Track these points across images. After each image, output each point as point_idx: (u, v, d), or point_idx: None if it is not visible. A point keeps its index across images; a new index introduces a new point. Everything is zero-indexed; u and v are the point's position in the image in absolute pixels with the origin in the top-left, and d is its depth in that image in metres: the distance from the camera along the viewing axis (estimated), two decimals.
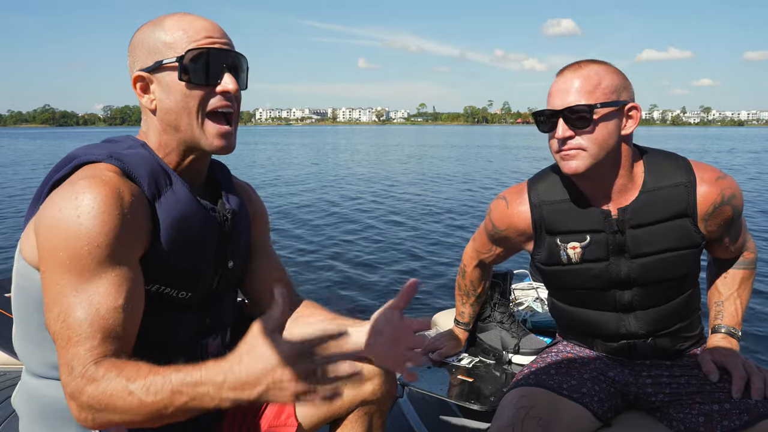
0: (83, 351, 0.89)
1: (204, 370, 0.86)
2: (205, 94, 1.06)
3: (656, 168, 1.41)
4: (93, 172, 0.97)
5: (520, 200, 1.52)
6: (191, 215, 1.07)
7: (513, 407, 1.36)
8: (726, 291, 1.56)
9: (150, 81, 1.07)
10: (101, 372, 0.88)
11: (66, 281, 0.91)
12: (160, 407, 0.86)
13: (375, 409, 1.30)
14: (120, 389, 0.87)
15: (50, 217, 0.93)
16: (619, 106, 1.34)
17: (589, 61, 1.37)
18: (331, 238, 7.70)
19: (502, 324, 1.95)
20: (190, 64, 1.04)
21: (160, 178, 1.05)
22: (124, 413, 0.87)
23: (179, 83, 1.05)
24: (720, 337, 1.50)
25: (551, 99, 1.37)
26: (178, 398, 0.86)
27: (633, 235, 1.41)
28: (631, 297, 1.45)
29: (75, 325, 0.90)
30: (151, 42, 1.07)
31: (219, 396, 0.85)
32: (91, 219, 0.92)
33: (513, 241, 1.57)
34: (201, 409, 0.87)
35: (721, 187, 1.38)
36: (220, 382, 0.84)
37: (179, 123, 1.07)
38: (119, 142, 1.12)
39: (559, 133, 1.34)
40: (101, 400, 0.87)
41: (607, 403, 1.44)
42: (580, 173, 1.35)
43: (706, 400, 1.37)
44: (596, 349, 1.56)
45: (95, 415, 0.89)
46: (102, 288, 0.92)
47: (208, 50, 1.05)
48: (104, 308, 0.92)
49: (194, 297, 1.13)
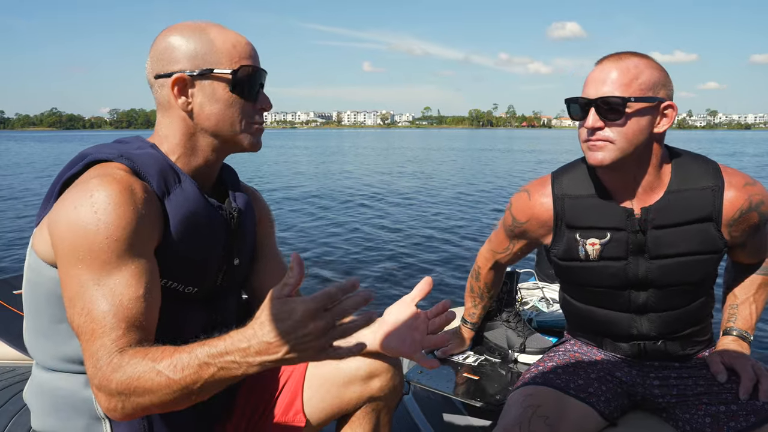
0: (109, 342, 0.91)
1: (228, 339, 0.88)
2: (247, 107, 1.14)
3: (684, 169, 1.39)
4: (104, 171, 1.00)
5: (543, 192, 1.50)
6: (199, 212, 1.10)
7: (520, 406, 1.36)
8: (742, 294, 1.55)
9: (191, 85, 1.10)
10: (126, 359, 0.90)
11: (87, 276, 0.93)
12: (189, 382, 0.88)
13: (382, 405, 1.31)
14: (147, 370, 0.88)
15: (66, 214, 0.95)
16: (654, 102, 1.31)
17: (630, 54, 1.34)
18: (335, 239, 7.71)
19: (508, 323, 1.96)
20: (242, 79, 1.11)
21: (169, 176, 1.08)
22: (154, 394, 0.88)
23: (227, 93, 1.11)
24: (731, 339, 1.50)
25: (586, 87, 1.34)
26: (205, 370, 0.87)
27: (654, 235, 1.39)
28: (646, 298, 1.44)
29: (99, 317, 0.92)
30: (198, 49, 1.09)
31: (246, 362, 0.87)
32: (108, 213, 0.94)
33: (532, 234, 1.55)
34: (229, 379, 0.89)
35: (749, 193, 1.36)
36: (245, 347, 0.86)
37: (219, 128, 1.13)
38: (129, 142, 1.15)
39: (589, 123, 1.32)
40: (130, 384, 0.88)
41: (614, 403, 1.43)
42: (606, 166, 1.33)
43: (713, 401, 1.36)
44: (605, 348, 1.56)
45: (125, 401, 0.90)
46: (123, 279, 0.94)
47: (256, 69, 1.13)
48: (127, 298, 0.94)
49: (200, 292, 1.15)
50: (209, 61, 1.09)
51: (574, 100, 1.37)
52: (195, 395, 0.90)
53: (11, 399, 1.55)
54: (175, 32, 1.11)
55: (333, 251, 6.88)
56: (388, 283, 5.54)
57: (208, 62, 1.09)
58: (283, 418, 1.28)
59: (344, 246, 7.15)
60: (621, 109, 1.29)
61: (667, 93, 1.34)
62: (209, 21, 1.15)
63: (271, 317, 0.85)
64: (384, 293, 5.14)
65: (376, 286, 5.44)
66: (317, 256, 6.64)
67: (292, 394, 1.29)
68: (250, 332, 0.86)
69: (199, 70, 1.09)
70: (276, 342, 0.84)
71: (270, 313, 0.85)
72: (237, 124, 1.13)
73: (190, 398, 0.90)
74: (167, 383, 0.88)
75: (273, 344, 0.85)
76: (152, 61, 1.12)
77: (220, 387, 0.91)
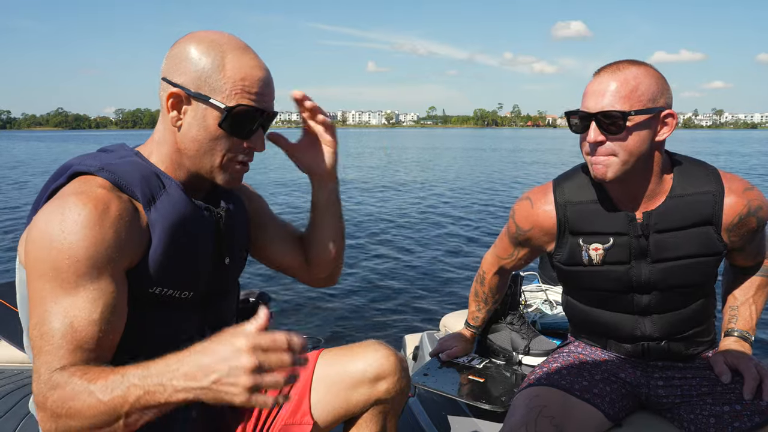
0: (52, 359, 0.90)
1: (163, 363, 0.86)
2: (234, 145, 1.09)
3: (685, 175, 1.40)
4: (83, 188, 0.99)
5: (545, 200, 1.51)
6: (186, 216, 1.08)
7: (526, 407, 1.37)
8: (742, 296, 1.56)
9: (187, 103, 1.06)
10: (65, 376, 0.89)
11: (47, 291, 0.93)
12: (115, 405, 0.86)
13: (389, 408, 1.31)
14: (81, 390, 0.87)
15: (37, 229, 0.95)
16: (654, 113, 1.31)
17: (628, 63, 1.33)
18: None
19: (512, 325, 1.96)
20: (236, 116, 1.06)
21: (153, 183, 1.06)
22: (84, 417, 0.87)
23: (215, 126, 1.06)
24: (733, 340, 1.50)
25: (585, 100, 1.34)
26: (131, 393, 0.85)
27: (656, 239, 1.40)
28: (649, 301, 1.46)
29: (48, 334, 0.91)
30: (205, 69, 1.05)
31: (171, 385, 0.84)
32: (74, 234, 0.93)
33: (536, 241, 1.56)
34: (154, 405, 0.86)
35: (748, 199, 1.38)
36: (171, 371, 0.84)
37: (197, 155, 1.09)
38: (113, 151, 1.13)
39: (591, 138, 1.32)
40: (63, 404, 0.87)
41: (618, 404, 1.44)
42: (610, 180, 1.34)
43: (717, 401, 1.37)
44: (609, 349, 1.57)
45: (58, 422, 0.88)
46: (80, 302, 0.93)
47: (254, 109, 1.07)
48: (78, 321, 0.93)
49: (196, 296, 1.14)
50: (211, 86, 1.04)
51: (574, 113, 1.37)
52: (123, 421, 0.87)
53: (20, 402, 1.56)
54: (195, 42, 1.07)
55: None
56: (386, 289, 5.54)
57: (209, 87, 1.04)
58: (290, 420, 1.28)
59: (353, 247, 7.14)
60: (622, 123, 1.29)
61: (666, 101, 1.34)
62: (238, 40, 1.09)
63: (206, 347, 0.84)
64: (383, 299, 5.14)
65: (377, 290, 5.44)
66: None
67: (299, 397, 1.29)
68: (180, 356, 0.85)
69: (200, 93, 1.05)
70: (206, 367, 0.82)
71: (206, 345, 0.84)
72: (217, 158, 1.09)
73: (116, 425, 0.87)
74: (96, 405, 0.86)
75: (202, 369, 0.83)
76: (166, 61, 1.09)
77: (147, 416, 0.88)
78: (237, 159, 1.11)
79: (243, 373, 0.81)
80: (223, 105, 1.04)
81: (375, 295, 5.28)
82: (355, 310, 4.90)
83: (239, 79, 1.05)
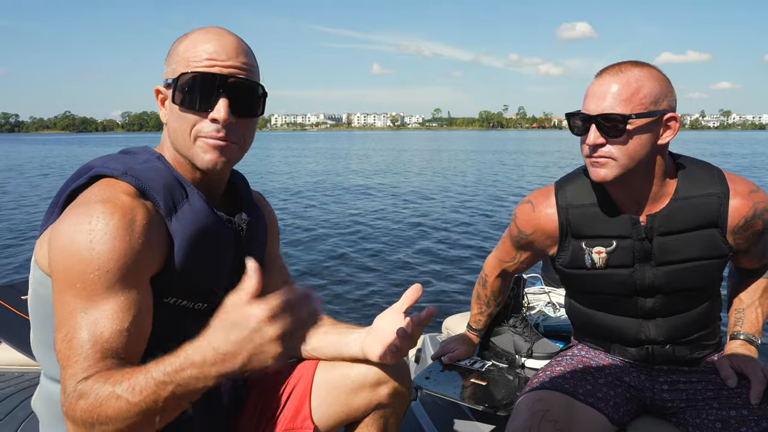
0: (78, 369, 0.89)
1: (182, 354, 0.84)
2: (197, 119, 1.04)
3: (689, 177, 1.39)
4: (108, 194, 0.97)
5: (547, 203, 1.49)
6: (208, 228, 1.07)
7: (529, 410, 1.36)
8: (747, 299, 1.55)
9: (165, 96, 1.09)
10: (90, 384, 0.88)
11: (75, 303, 0.92)
12: (149, 404, 0.84)
13: (390, 412, 1.30)
14: (108, 395, 0.85)
15: (64, 238, 0.94)
16: (656, 116, 1.29)
17: (631, 64, 1.31)
18: (341, 241, 7.71)
19: (515, 328, 1.95)
20: (182, 87, 1.02)
21: (176, 191, 1.05)
22: (117, 421, 0.86)
23: (174, 105, 1.05)
24: (738, 343, 1.49)
25: (586, 102, 1.33)
26: (164, 389, 0.84)
27: (660, 242, 1.39)
28: (653, 304, 1.44)
29: (77, 345, 0.90)
30: (171, 57, 1.07)
31: (204, 374, 0.83)
32: (103, 244, 0.92)
33: (538, 245, 1.55)
34: (190, 394, 0.86)
35: (754, 201, 1.36)
36: (201, 361, 0.83)
37: (175, 143, 1.08)
38: (136, 154, 1.11)
39: (590, 140, 1.31)
40: (93, 412, 0.86)
41: (623, 408, 1.43)
42: (608, 182, 1.33)
43: (723, 406, 1.35)
44: (613, 353, 1.55)
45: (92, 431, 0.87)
46: (109, 312, 0.92)
47: (200, 75, 1.01)
48: (108, 331, 0.92)
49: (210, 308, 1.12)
50: (173, 70, 1.05)
51: (575, 114, 1.35)
52: (159, 416, 0.87)
53: (20, 404, 1.56)
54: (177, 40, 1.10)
55: (335, 257, 6.88)
56: (388, 290, 5.53)
57: (171, 72, 1.06)
58: (291, 424, 1.27)
59: (350, 252, 7.15)
60: (622, 127, 1.27)
61: (669, 104, 1.32)
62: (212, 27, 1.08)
63: (227, 325, 0.82)
64: (384, 300, 5.14)
65: (379, 292, 5.44)
66: (317, 258, 6.65)
67: (299, 401, 1.28)
68: (204, 343, 0.83)
69: (166, 81, 1.06)
70: (232, 352, 0.81)
71: (225, 321, 0.82)
72: (186, 138, 1.05)
73: (153, 420, 0.87)
74: (127, 408, 0.85)
75: (229, 354, 0.81)
76: None
77: (184, 404, 0.88)
78: (202, 134, 1.04)
79: (271, 343, 0.80)
80: (170, 80, 1.04)
81: (377, 297, 5.28)
82: (357, 312, 4.90)
83: (190, 51, 1.04)
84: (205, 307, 1.11)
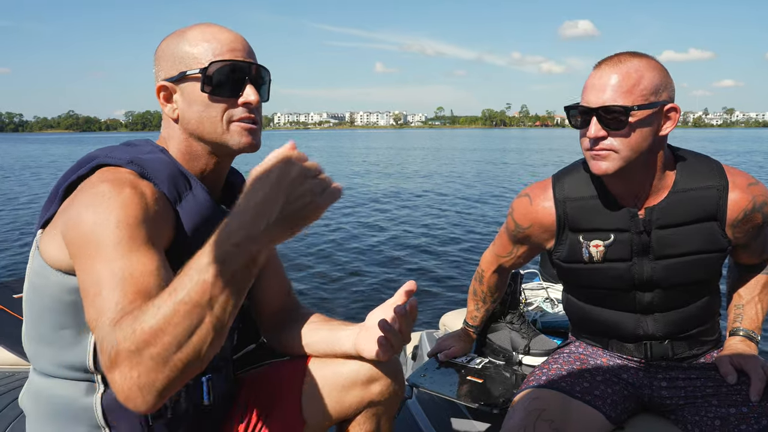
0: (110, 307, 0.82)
1: (213, 235, 0.79)
2: (227, 105, 1.09)
3: (688, 169, 1.37)
4: (114, 176, 0.98)
5: (544, 196, 1.48)
6: (211, 219, 1.07)
7: (524, 409, 1.34)
8: (747, 295, 1.53)
9: (173, 91, 1.10)
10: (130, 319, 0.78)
11: (101, 264, 0.88)
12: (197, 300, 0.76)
13: (383, 410, 1.29)
14: (151, 313, 0.76)
15: (78, 215, 0.93)
16: (657, 107, 1.28)
17: (629, 55, 1.29)
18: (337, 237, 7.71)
19: (512, 324, 1.93)
20: (214, 76, 1.06)
21: (180, 182, 1.07)
22: (165, 333, 0.75)
23: (202, 94, 1.07)
24: (738, 339, 1.47)
25: (586, 94, 1.31)
26: (206, 273, 0.76)
27: (659, 235, 1.37)
28: (652, 299, 1.42)
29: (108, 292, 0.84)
30: (176, 52, 1.09)
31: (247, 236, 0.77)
32: (120, 209, 0.92)
33: (536, 239, 1.53)
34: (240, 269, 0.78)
35: (753, 194, 1.35)
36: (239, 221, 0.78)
37: (202, 131, 1.10)
38: (139, 146, 1.13)
39: (592, 133, 1.29)
40: (135, 334, 0.76)
41: (621, 406, 1.41)
42: (610, 175, 1.31)
43: (722, 403, 1.34)
44: (610, 349, 1.53)
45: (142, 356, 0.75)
46: (135, 258, 0.88)
47: (231, 63, 1.07)
48: (138, 272, 0.87)
49: None
50: (186, 64, 1.08)
51: (574, 107, 1.34)
52: (216, 309, 0.77)
53: (9, 405, 1.54)
54: (165, 40, 1.11)
55: (334, 254, 6.88)
56: (385, 287, 5.53)
57: (184, 65, 1.08)
58: (282, 422, 1.26)
59: (347, 248, 7.14)
60: (624, 119, 1.26)
61: (669, 94, 1.30)
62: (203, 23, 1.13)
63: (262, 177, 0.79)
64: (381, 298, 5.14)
65: (374, 288, 5.43)
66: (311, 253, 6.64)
67: (291, 399, 1.27)
68: (236, 210, 0.79)
69: (177, 75, 1.08)
70: (271, 199, 0.77)
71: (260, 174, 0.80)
72: (218, 125, 1.09)
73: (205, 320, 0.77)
74: (173, 313, 0.75)
75: (268, 202, 0.77)
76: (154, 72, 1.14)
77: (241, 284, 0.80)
78: (236, 118, 1.09)
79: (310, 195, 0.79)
80: (197, 70, 1.06)
81: (373, 293, 5.27)
82: (352, 308, 4.89)
83: (205, 44, 1.08)
84: None
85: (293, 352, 1.34)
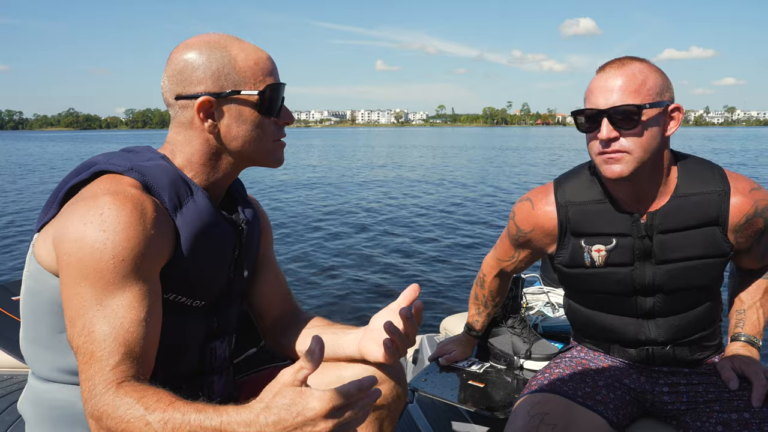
0: (107, 368, 0.89)
1: (225, 415, 0.83)
2: (272, 124, 1.13)
3: (690, 174, 1.37)
4: (116, 187, 0.97)
5: (546, 200, 1.48)
6: (211, 225, 1.09)
7: (527, 414, 1.33)
8: (748, 300, 1.52)
9: (216, 106, 1.07)
10: (121, 396, 0.87)
11: (90, 295, 0.91)
12: None
13: (385, 414, 1.28)
14: (137, 418, 0.85)
15: (75, 230, 0.93)
16: (664, 106, 1.29)
17: (631, 59, 1.31)
18: (339, 241, 7.70)
19: (514, 329, 1.93)
20: (268, 97, 1.10)
21: (181, 188, 1.07)
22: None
23: (254, 114, 1.10)
24: (740, 345, 1.47)
25: (593, 97, 1.30)
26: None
27: (661, 240, 1.37)
28: (653, 303, 1.42)
29: (99, 339, 0.90)
30: (219, 68, 1.06)
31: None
32: (117, 233, 0.92)
33: (537, 243, 1.53)
34: None
35: (755, 199, 1.35)
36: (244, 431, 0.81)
37: (245, 148, 1.12)
38: (139, 152, 1.12)
39: (604, 134, 1.28)
40: (117, 426, 0.85)
41: (623, 411, 1.40)
42: (624, 178, 1.30)
43: (724, 408, 1.33)
44: (612, 354, 1.53)
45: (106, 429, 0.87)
46: (126, 301, 0.92)
47: (279, 84, 1.12)
48: (128, 321, 0.92)
49: (206, 304, 1.14)
50: (234, 82, 1.07)
51: (581, 111, 1.33)
52: None
53: (8, 408, 1.53)
54: (194, 49, 1.07)
55: (331, 256, 6.86)
56: (386, 291, 5.52)
57: (232, 83, 1.07)
58: None
59: (348, 253, 7.13)
60: (636, 118, 1.26)
61: (671, 95, 1.32)
62: (224, 34, 1.12)
63: (281, 406, 0.80)
64: (383, 302, 5.13)
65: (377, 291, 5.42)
66: (312, 257, 6.63)
67: None
68: (251, 416, 0.81)
69: (224, 92, 1.06)
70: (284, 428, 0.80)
71: (280, 402, 0.81)
72: (263, 143, 1.13)
73: None
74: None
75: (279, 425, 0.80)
76: (171, 81, 1.08)
77: None
78: (278, 137, 1.16)
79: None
80: (255, 92, 1.08)
81: (374, 297, 5.26)
82: (354, 312, 4.88)
83: (254, 64, 1.09)
84: (202, 305, 1.12)
85: (294, 356, 1.34)
